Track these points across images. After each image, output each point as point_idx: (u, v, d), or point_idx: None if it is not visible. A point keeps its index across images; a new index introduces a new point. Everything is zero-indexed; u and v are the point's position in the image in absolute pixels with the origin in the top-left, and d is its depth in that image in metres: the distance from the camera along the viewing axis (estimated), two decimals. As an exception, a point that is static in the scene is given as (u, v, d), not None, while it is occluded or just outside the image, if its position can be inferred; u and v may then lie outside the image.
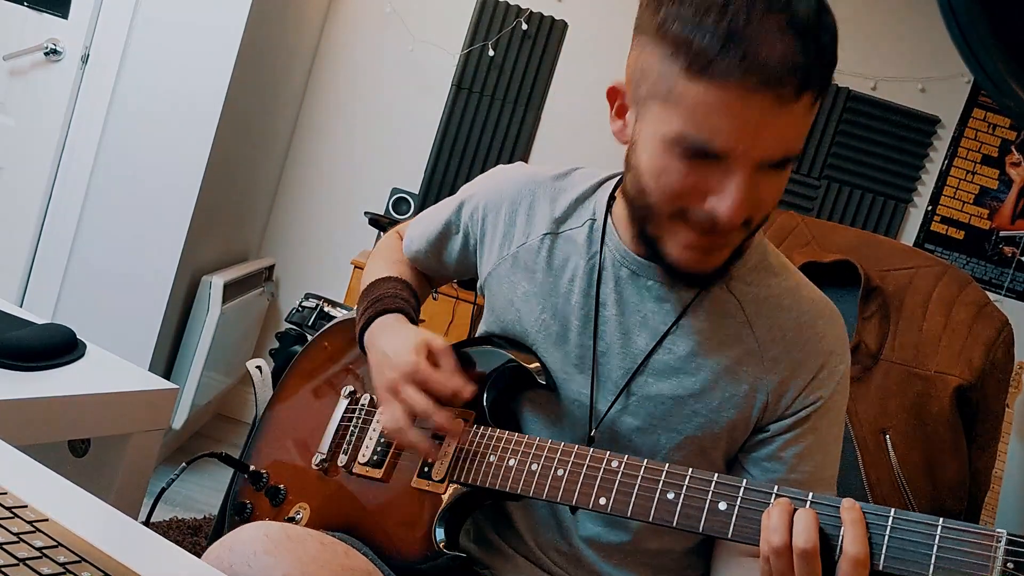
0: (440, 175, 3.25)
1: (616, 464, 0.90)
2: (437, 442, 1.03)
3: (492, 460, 0.98)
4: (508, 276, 1.10)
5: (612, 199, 1.06)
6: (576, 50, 3.21)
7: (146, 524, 1.01)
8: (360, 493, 1.08)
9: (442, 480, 1.01)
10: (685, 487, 0.85)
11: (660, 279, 1.00)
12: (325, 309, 2.24)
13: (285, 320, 2.36)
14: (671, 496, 0.85)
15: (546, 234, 1.08)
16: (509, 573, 1.07)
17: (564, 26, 3.20)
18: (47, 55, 2.46)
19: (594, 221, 1.06)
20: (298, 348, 2.28)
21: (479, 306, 2.93)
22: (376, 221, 3.00)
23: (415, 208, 3.15)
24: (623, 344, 1.01)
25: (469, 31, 3.19)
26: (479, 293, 1.18)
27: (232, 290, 2.80)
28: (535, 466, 0.95)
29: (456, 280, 1.30)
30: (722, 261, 0.93)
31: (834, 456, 1.03)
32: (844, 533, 0.76)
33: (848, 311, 1.48)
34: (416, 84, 3.25)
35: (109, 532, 0.71)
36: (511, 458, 0.97)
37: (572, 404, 1.03)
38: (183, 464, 1.22)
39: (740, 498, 0.82)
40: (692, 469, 0.86)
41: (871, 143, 3.15)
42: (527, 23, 3.17)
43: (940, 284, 1.52)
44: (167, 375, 2.68)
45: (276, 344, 2.33)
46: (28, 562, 0.59)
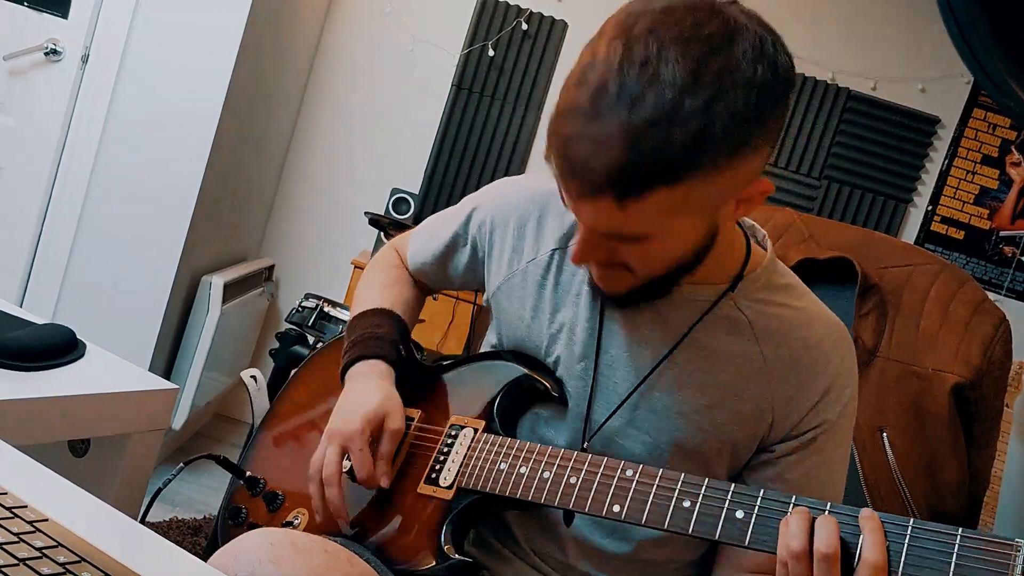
0: (440, 175, 3.25)
1: (631, 472, 0.90)
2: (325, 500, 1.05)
3: (503, 467, 0.98)
4: (518, 291, 1.10)
5: None
6: (576, 50, 3.16)
7: (142, 522, 1.01)
8: (361, 499, 1.08)
9: (450, 486, 1.01)
10: (702, 495, 0.85)
11: (667, 295, 1.00)
12: (325, 309, 2.25)
13: (285, 320, 2.36)
14: (687, 504, 0.85)
15: (555, 250, 1.08)
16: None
17: (564, 26, 3.20)
18: (47, 55, 2.46)
19: None
20: (298, 348, 2.29)
21: (479, 306, 2.94)
22: (376, 221, 3.00)
23: (415, 208, 3.15)
24: (629, 358, 1.01)
25: (469, 31, 3.19)
26: (486, 305, 1.18)
27: (232, 290, 2.80)
28: (547, 473, 0.95)
29: (464, 289, 1.30)
30: (628, 290, 0.97)
31: (840, 477, 1.03)
32: (863, 540, 0.76)
33: (845, 308, 1.48)
34: (416, 84, 3.26)
35: (109, 532, 0.71)
36: (522, 465, 0.97)
37: (577, 419, 1.03)
38: (180, 465, 1.22)
39: (758, 506, 0.82)
40: (708, 479, 0.86)
41: (871, 143, 3.15)
42: (527, 23, 3.18)
43: (938, 282, 1.52)
44: (167, 375, 2.69)
45: (276, 344, 2.34)
46: (28, 562, 0.59)
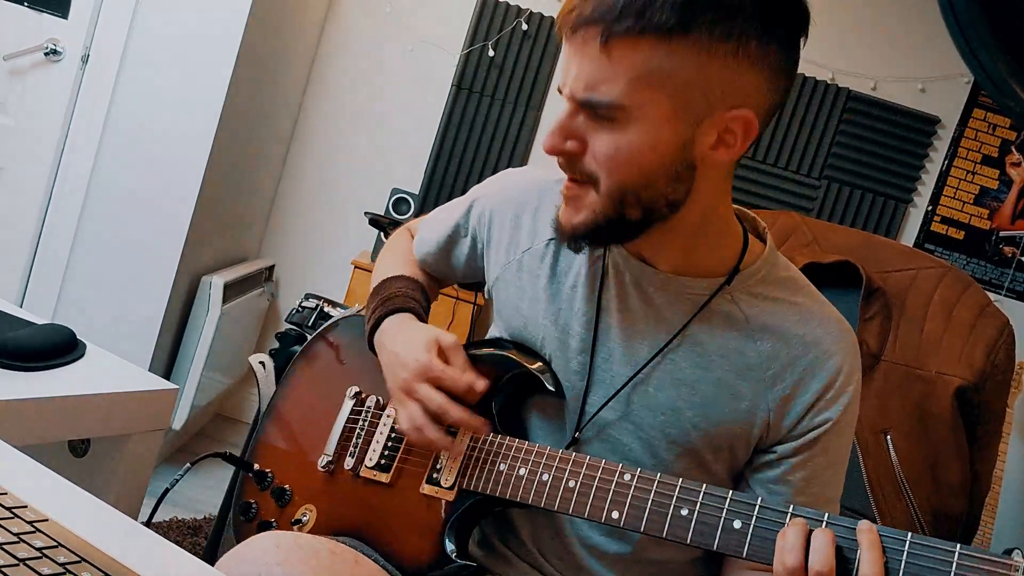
0: (440, 175, 3.25)
1: (628, 477, 0.89)
2: (452, 439, 1.02)
3: (502, 469, 0.98)
4: (514, 281, 1.09)
5: None
6: (576, 50, 3.20)
7: (148, 524, 1.01)
8: (367, 497, 1.08)
9: (451, 487, 1.01)
10: (699, 504, 0.84)
11: (664, 286, 0.99)
12: (325, 309, 2.24)
13: (285, 320, 2.35)
14: (685, 512, 0.85)
15: (551, 239, 1.07)
16: (511, 576, 1.06)
17: (564, 26, 3.20)
18: (47, 55, 2.46)
19: None
20: (298, 348, 2.28)
21: (479, 306, 2.94)
22: (376, 221, 3.00)
23: (415, 208, 3.15)
24: (625, 350, 1.00)
25: (469, 31, 3.19)
26: (486, 297, 1.17)
27: (232, 290, 2.80)
28: (546, 476, 0.94)
29: (467, 282, 1.30)
30: (587, 221, 0.93)
31: (841, 475, 1.02)
32: (860, 557, 0.75)
33: (849, 312, 1.48)
34: (416, 84, 3.25)
35: (109, 532, 0.70)
36: (521, 467, 0.96)
37: (572, 411, 1.03)
38: (187, 464, 1.21)
39: (755, 516, 0.82)
40: (706, 485, 0.85)
41: (871, 143, 3.15)
42: (527, 23, 3.17)
43: (942, 285, 1.52)
44: (167, 375, 2.68)
45: (276, 344, 2.33)
46: (28, 562, 0.59)
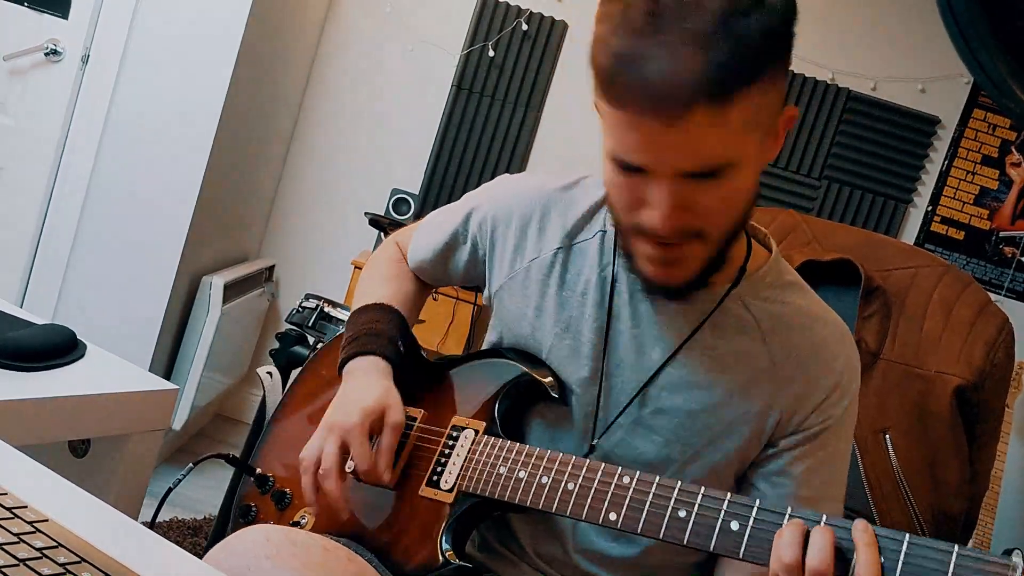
0: (440, 175, 3.25)
1: (627, 480, 0.89)
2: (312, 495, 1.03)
3: (502, 472, 0.98)
4: (521, 290, 1.09)
5: None
6: (576, 50, 3.21)
7: (151, 525, 1.01)
8: (367, 500, 1.07)
9: (450, 490, 1.01)
10: (697, 505, 0.84)
11: (675, 294, 0.99)
12: (325, 310, 2.24)
13: (285, 321, 2.35)
14: (682, 514, 0.85)
15: (559, 248, 1.07)
16: (512, 578, 1.06)
17: (564, 26, 3.20)
18: (47, 55, 2.46)
19: (605, 233, 1.05)
20: (298, 348, 2.28)
21: (479, 306, 2.94)
22: (376, 221, 3.00)
23: (415, 208, 3.15)
24: (637, 358, 1.01)
25: (469, 31, 3.19)
26: (487, 304, 1.17)
27: (232, 291, 2.80)
28: (545, 479, 0.94)
29: (465, 285, 1.29)
30: (692, 273, 0.92)
31: (842, 474, 1.03)
32: (857, 556, 0.75)
33: (848, 310, 1.48)
34: (416, 84, 3.25)
35: (109, 532, 0.70)
36: (521, 470, 0.97)
37: (584, 418, 1.03)
38: (190, 465, 1.19)
39: (753, 518, 0.82)
40: (704, 487, 0.85)
41: (871, 143, 3.15)
42: (527, 23, 3.17)
43: (941, 284, 1.52)
44: (167, 375, 2.68)
45: (276, 345, 2.33)
46: (28, 562, 0.59)
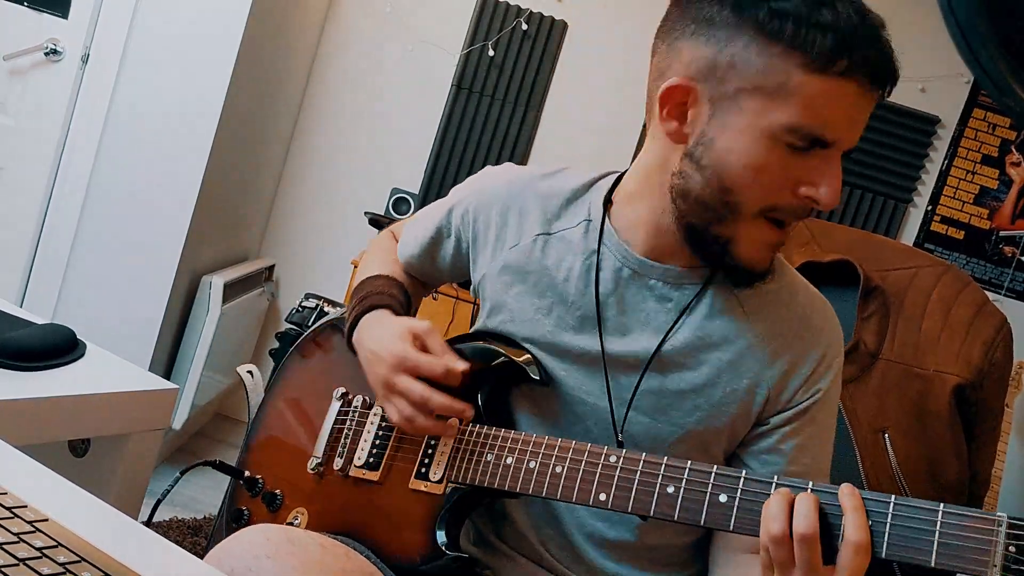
0: (440, 175, 3.25)
1: (614, 459, 0.90)
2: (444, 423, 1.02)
3: (489, 459, 0.98)
4: (501, 277, 1.10)
5: (609, 199, 1.06)
6: (576, 50, 3.21)
7: (148, 524, 1.01)
8: (358, 496, 1.08)
9: (440, 480, 1.01)
10: (685, 480, 0.85)
11: (663, 278, 1.01)
12: (325, 309, 2.24)
13: (285, 320, 2.36)
14: (671, 490, 0.86)
15: (539, 235, 1.08)
16: (511, 572, 1.06)
17: (564, 26, 3.20)
18: (47, 55, 2.46)
19: (590, 221, 1.06)
20: (298, 348, 2.28)
21: (478, 306, 2.94)
22: (376, 221, 3.00)
23: (415, 208, 3.15)
24: (624, 339, 1.02)
25: (469, 31, 3.19)
26: (474, 295, 1.18)
27: (232, 290, 2.80)
28: (533, 463, 0.95)
29: (454, 282, 1.30)
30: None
31: (829, 445, 1.05)
32: (845, 520, 0.76)
33: (847, 310, 1.49)
34: (416, 84, 3.25)
35: (109, 532, 0.70)
36: (508, 456, 0.97)
37: (573, 401, 1.03)
38: (177, 475, 1.21)
39: (740, 489, 0.83)
40: (691, 461, 0.86)
41: (871, 143, 3.15)
42: (527, 23, 3.17)
43: (940, 284, 1.52)
44: (167, 375, 2.68)
45: (276, 344, 2.33)
46: (28, 562, 0.59)
